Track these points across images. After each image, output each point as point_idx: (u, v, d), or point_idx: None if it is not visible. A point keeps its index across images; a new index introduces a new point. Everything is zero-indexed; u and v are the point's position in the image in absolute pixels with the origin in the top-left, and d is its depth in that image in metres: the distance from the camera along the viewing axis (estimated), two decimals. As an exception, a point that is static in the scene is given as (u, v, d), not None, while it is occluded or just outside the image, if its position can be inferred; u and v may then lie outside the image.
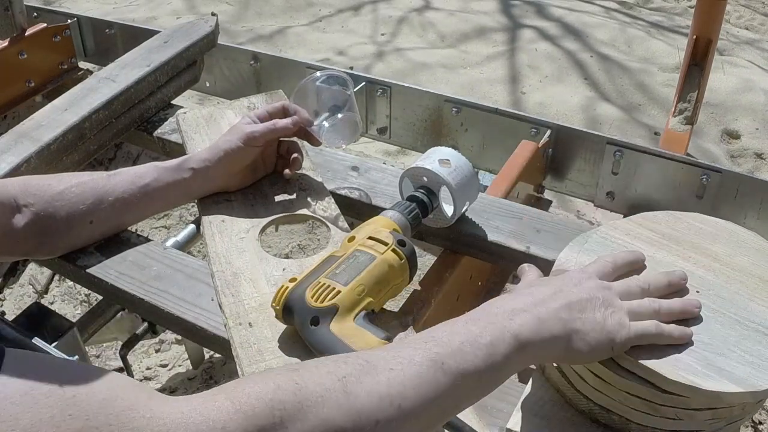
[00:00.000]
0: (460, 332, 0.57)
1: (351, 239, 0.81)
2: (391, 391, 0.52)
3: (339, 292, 0.73)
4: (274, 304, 0.75)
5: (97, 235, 0.96)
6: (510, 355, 0.57)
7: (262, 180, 1.03)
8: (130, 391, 0.49)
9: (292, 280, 0.76)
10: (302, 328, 0.73)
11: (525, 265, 0.73)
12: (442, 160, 0.91)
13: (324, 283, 0.74)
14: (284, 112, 1.00)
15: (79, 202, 0.91)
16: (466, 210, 0.98)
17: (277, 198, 1.00)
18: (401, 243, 0.80)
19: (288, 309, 0.74)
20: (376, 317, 0.77)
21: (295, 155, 1.01)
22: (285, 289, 0.75)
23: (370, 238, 0.80)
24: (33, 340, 0.86)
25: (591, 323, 0.61)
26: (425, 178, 0.92)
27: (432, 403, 0.53)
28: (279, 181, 1.03)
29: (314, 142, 1.02)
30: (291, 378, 0.51)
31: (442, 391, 0.54)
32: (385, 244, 0.79)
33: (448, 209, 0.95)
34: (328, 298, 0.73)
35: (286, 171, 1.02)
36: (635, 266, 0.72)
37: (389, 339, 0.72)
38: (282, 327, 0.78)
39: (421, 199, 0.91)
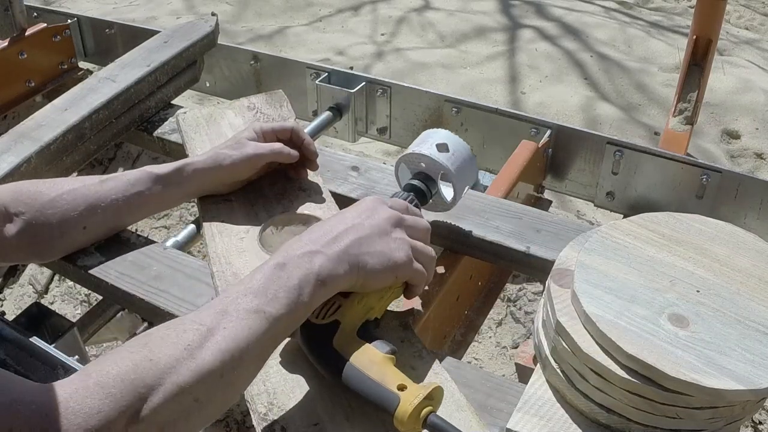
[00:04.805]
0: (272, 280, 0.65)
1: None
2: (229, 346, 0.61)
3: (339, 306, 0.71)
4: None
5: (92, 239, 0.96)
6: (314, 292, 0.66)
7: (261, 180, 1.03)
8: (12, 384, 0.54)
9: None
10: (305, 346, 0.72)
11: None
12: (439, 145, 0.88)
13: None
14: (291, 138, 0.99)
15: (72, 209, 0.90)
16: (466, 192, 0.94)
17: (277, 198, 1.00)
18: None
19: None
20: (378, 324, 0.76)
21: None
22: None
23: None
24: (32, 340, 0.86)
25: (378, 256, 0.71)
26: (423, 164, 0.89)
27: (259, 346, 0.63)
28: (279, 181, 1.03)
29: (312, 167, 1.02)
30: (144, 355, 0.58)
31: (266, 334, 0.63)
32: None
33: (447, 192, 0.92)
34: (329, 313, 0.71)
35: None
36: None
37: (394, 352, 0.70)
38: (282, 327, 0.78)
39: (419, 188, 0.88)
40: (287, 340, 0.75)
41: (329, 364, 0.69)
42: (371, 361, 0.67)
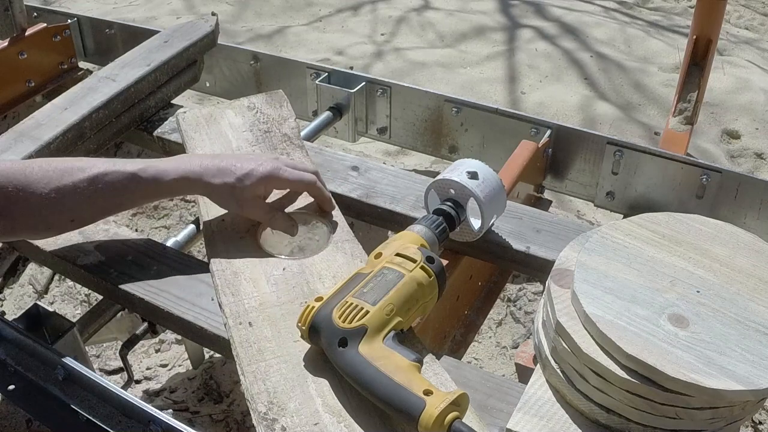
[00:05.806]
0: None
1: (378, 255, 0.79)
2: None
3: (367, 312, 0.71)
4: (299, 324, 0.73)
5: (77, 228, 0.94)
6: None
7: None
8: None
9: (318, 299, 0.74)
10: (329, 350, 0.71)
11: None
12: (469, 172, 0.89)
13: (352, 303, 0.72)
14: (307, 191, 0.97)
15: (59, 207, 0.88)
16: (493, 224, 0.96)
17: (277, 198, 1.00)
18: (429, 260, 0.77)
19: (314, 329, 0.72)
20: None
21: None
22: (311, 309, 0.73)
23: (398, 254, 0.78)
24: (32, 340, 0.86)
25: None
26: (452, 191, 0.90)
27: None
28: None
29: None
30: None
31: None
32: (414, 261, 0.76)
33: (475, 222, 0.93)
34: (356, 318, 0.70)
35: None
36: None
37: (419, 361, 0.69)
38: (282, 326, 0.78)
39: (448, 212, 0.89)
40: (296, 341, 0.75)
41: (354, 367, 0.68)
42: (397, 367, 0.67)
